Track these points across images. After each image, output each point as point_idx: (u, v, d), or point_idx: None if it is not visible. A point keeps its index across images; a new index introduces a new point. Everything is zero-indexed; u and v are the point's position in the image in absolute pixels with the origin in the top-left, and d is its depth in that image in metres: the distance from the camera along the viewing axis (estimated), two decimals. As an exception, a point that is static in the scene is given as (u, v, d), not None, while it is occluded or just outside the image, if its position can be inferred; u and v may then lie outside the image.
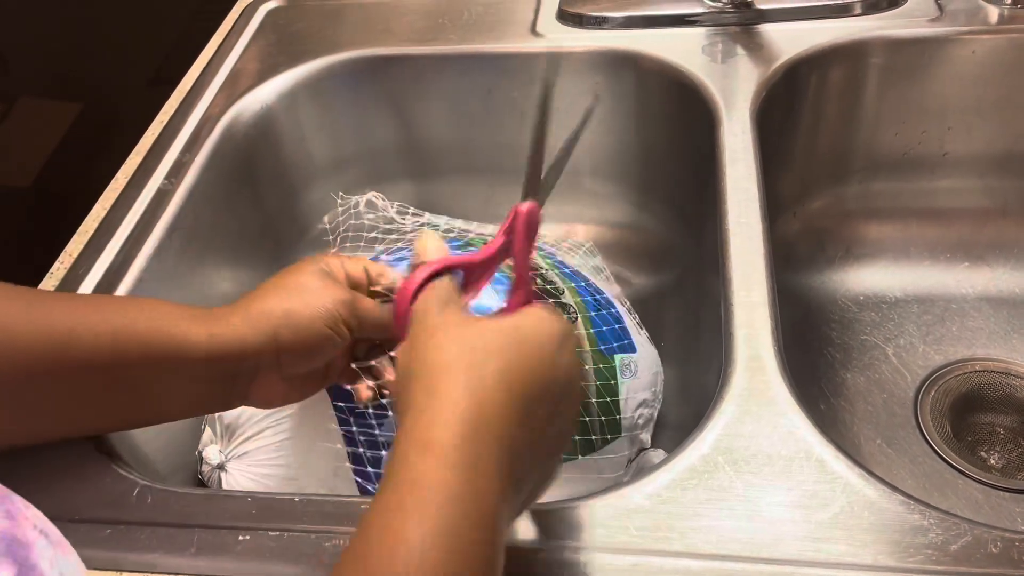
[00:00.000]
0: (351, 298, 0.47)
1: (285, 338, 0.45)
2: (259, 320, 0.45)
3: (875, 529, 0.42)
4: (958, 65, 0.74)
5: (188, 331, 0.44)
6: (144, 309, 0.45)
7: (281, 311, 0.45)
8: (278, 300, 0.46)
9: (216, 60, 0.82)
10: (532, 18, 0.81)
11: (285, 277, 0.47)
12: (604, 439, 0.59)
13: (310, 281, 0.46)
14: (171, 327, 0.44)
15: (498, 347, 0.36)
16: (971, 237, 0.80)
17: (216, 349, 0.44)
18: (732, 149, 0.65)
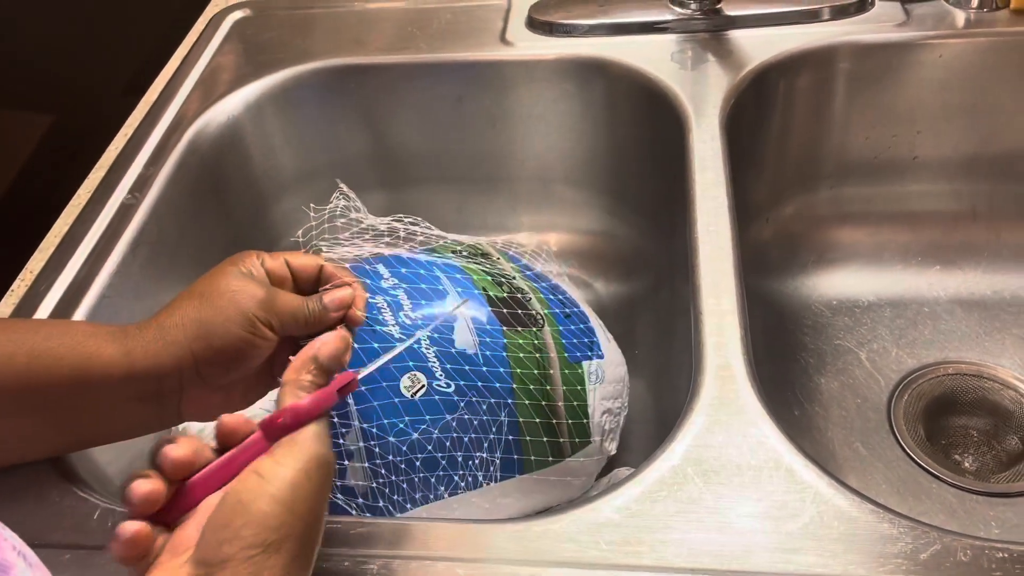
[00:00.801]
0: (268, 297, 0.44)
1: (201, 349, 0.43)
2: (172, 333, 0.43)
3: (845, 539, 0.42)
4: (926, 69, 0.74)
5: (103, 351, 0.43)
6: (58, 330, 0.44)
7: (194, 322, 0.43)
8: (191, 310, 0.44)
9: (182, 71, 0.81)
10: (502, 26, 0.81)
11: (201, 284, 0.45)
12: (573, 443, 0.59)
13: (226, 284, 0.44)
14: (86, 347, 0.43)
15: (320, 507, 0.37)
16: (942, 240, 0.81)
17: (133, 368, 0.43)
18: (701, 156, 0.65)
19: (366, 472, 0.52)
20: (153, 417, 0.46)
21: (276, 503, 0.34)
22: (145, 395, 0.44)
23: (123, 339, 0.44)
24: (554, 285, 0.67)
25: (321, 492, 0.37)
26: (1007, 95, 0.74)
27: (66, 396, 0.43)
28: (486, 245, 0.68)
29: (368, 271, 0.62)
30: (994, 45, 0.73)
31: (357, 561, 0.43)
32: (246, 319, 0.43)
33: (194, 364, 0.44)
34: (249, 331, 0.44)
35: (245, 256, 0.47)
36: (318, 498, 0.36)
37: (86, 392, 0.43)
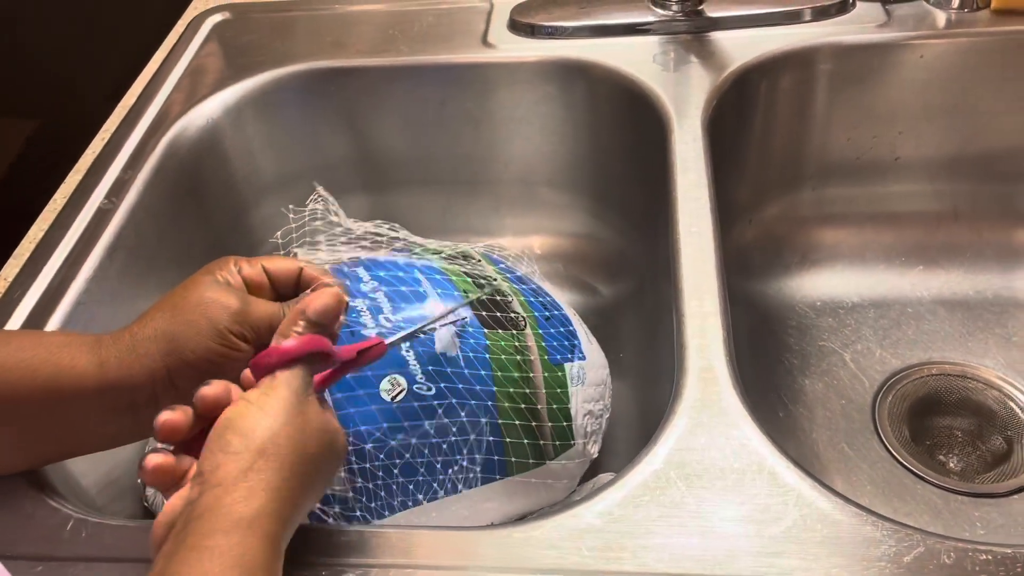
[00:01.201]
0: (242, 307, 0.44)
1: (174, 363, 0.43)
2: (144, 346, 0.43)
3: (828, 542, 0.41)
4: (907, 70, 0.74)
5: (76, 362, 0.42)
6: (31, 342, 0.43)
7: (166, 335, 0.43)
8: (163, 323, 0.43)
9: (161, 74, 0.80)
10: (483, 28, 0.80)
11: (175, 294, 0.45)
12: (555, 446, 0.58)
13: (199, 295, 0.44)
14: (59, 359, 0.42)
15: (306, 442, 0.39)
16: (925, 241, 0.81)
17: (106, 380, 0.42)
18: (683, 157, 0.65)
19: (342, 479, 0.52)
20: (128, 428, 0.45)
21: (259, 417, 0.38)
22: (119, 407, 0.44)
23: (97, 350, 0.43)
24: (536, 288, 0.66)
25: (306, 429, 0.39)
26: (988, 95, 0.75)
27: (40, 408, 0.43)
28: (468, 247, 0.68)
29: (348, 274, 0.61)
30: (975, 45, 0.73)
31: (335, 570, 0.42)
32: (218, 332, 0.43)
33: (167, 377, 0.43)
34: (222, 344, 0.43)
35: (221, 263, 0.46)
36: (305, 432, 0.38)
37: (60, 404, 0.43)
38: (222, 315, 0.43)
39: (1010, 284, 0.78)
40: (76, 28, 1.67)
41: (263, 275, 0.46)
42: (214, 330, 0.43)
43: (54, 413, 0.43)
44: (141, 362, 0.43)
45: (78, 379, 0.42)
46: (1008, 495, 0.66)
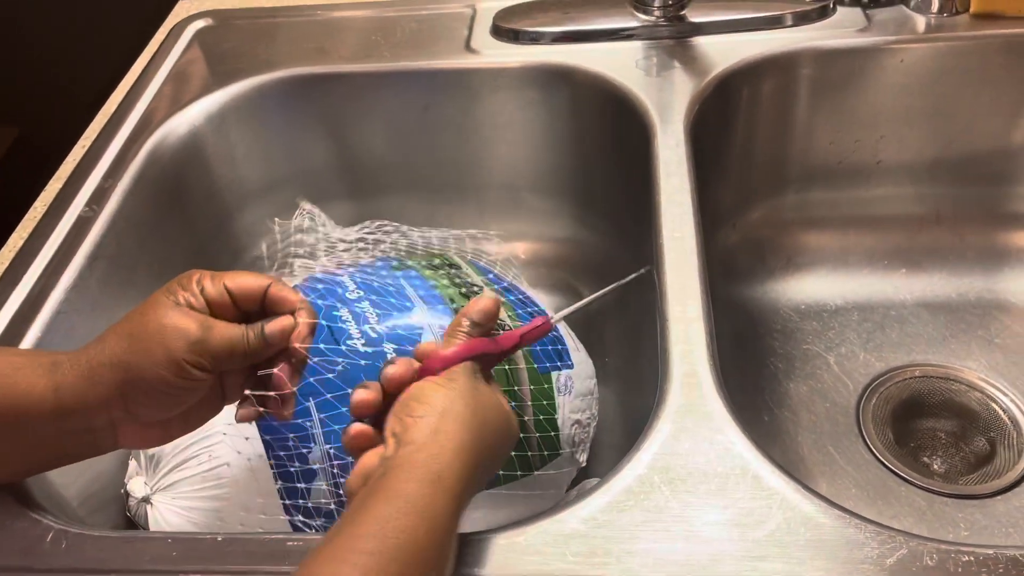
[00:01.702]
0: (201, 336, 0.42)
1: (130, 391, 0.42)
2: (100, 375, 0.42)
3: (811, 545, 0.41)
4: (887, 74, 0.74)
5: (33, 386, 0.42)
6: None
7: (121, 365, 0.42)
8: (120, 351, 0.42)
9: (142, 81, 0.80)
10: (466, 34, 0.80)
11: (133, 318, 0.44)
12: (542, 456, 0.58)
13: (157, 322, 0.42)
14: (15, 382, 0.42)
15: (483, 416, 0.43)
16: (907, 244, 0.81)
17: (62, 405, 0.42)
18: (666, 162, 0.65)
19: (329, 492, 0.51)
20: (88, 446, 0.45)
21: (438, 391, 0.42)
22: (76, 429, 0.43)
23: (53, 375, 0.43)
24: (524, 298, 0.66)
25: (480, 406, 0.43)
26: (968, 99, 0.75)
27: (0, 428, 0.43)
28: (454, 256, 0.68)
29: (334, 282, 0.61)
30: (954, 49, 0.74)
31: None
32: (174, 363, 0.42)
33: (124, 404, 0.43)
34: (178, 376, 0.42)
35: (184, 281, 0.45)
36: (480, 409, 0.43)
37: (18, 426, 0.43)
38: (179, 345, 0.42)
39: (992, 286, 0.79)
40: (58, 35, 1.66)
41: (225, 296, 0.45)
42: (171, 361, 0.42)
43: (14, 434, 0.43)
44: (96, 390, 0.42)
45: (35, 404, 0.42)
46: (991, 496, 0.66)
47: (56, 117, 1.37)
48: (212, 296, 0.44)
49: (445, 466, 0.39)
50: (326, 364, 0.51)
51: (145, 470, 0.58)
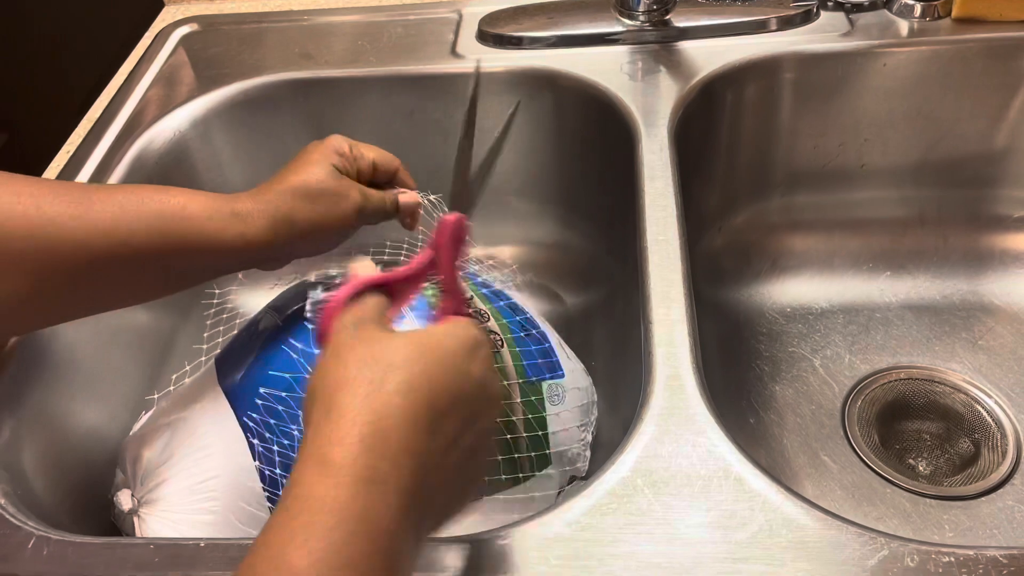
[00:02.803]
0: (363, 203, 0.53)
1: (300, 242, 0.52)
2: (280, 227, 0.50)
3: (793, 547, 0.42)
4: (871, 78, 0.75)
5: (223, 232, 0.49)
6: (180, 206, 0.49)
7: (306, 220, 0.51)
8: (301, 209, 0.51)
9: (128, 86, 0.79)
10: (452, 39, 0.80)
11: (306, 176, 0.52)
12: (531, 463, 0.58)
13: (327, 185, 0.52)
14: (207, 228, 0.49)
15: (402, 359, 0.35)
16: (892, 246, 0.82)
17: (247, 249, 0.50)
18: (651, 166, 0.65)
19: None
20: (251, 268, 0.54)
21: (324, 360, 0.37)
22: (250, 262, 0.53)
23: (240, 223, 0.49)
24: (512, 304, 0.66)
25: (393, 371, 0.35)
26: (951, 102, 0.76)
27: (184, 264, 0.50)
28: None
29: None
30: (937, 53, 0.74)
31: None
32: (344, 224, 0.53)
33: (292, 249, 0.53)
34: (342, 233, 0.54)
35: (339, 148, 0.54)
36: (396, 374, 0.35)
37: (201, 262, 0.50)
38: (349, 210, 0.52)
39: (976, 288, 0.79)
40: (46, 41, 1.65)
41: (371, 168, 0.56)
42: (342, 222, 0.52)
43: (203, 267, 0.51)
44: (277, 239, 0.50)
45: (226, 248, 0.49)
46: (976, 498, 0.66)
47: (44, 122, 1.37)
48: (362, 167, 0.55)
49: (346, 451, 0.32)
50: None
51: (132, 482, 0.57)
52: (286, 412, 0.53)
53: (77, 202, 0.46)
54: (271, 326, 0.59)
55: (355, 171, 0.54)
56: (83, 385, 0.61)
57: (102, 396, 0.63)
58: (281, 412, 0.54)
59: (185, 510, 0.54)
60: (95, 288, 0.48)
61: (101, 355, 0.64)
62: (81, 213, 0.46)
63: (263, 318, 0.60)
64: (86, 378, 0.62)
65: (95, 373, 0.63)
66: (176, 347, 0.73)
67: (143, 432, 0.58)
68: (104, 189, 0.48)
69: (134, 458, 0.57)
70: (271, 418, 0.53)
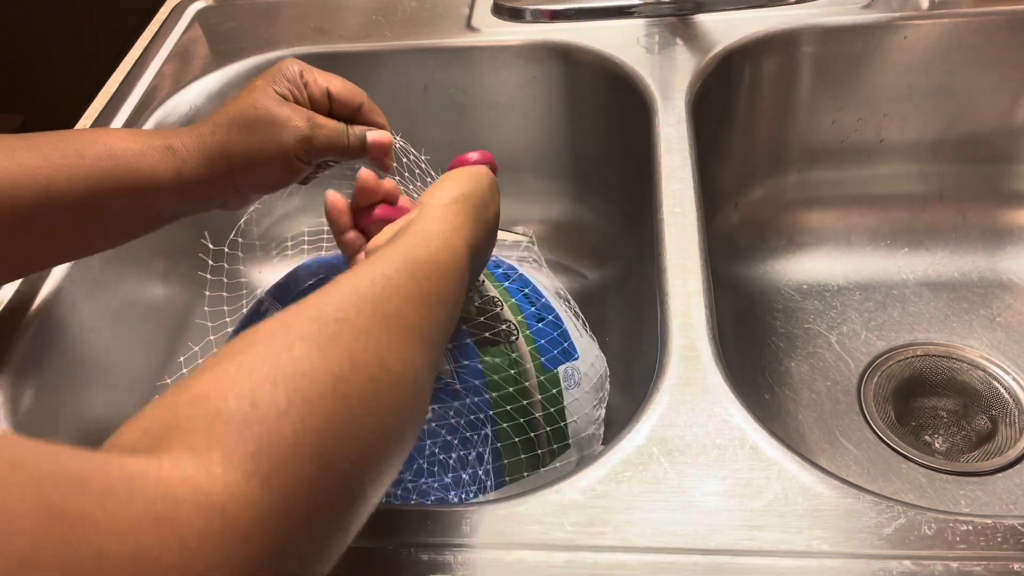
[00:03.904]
0: (308, 132, 0.48)
1: (240, 176, 0.48)
2: (216, 161, 0.48)
3: (809, 515, 0.42)
4: (890, 52, 0.74)
5: (156, 168, 0.47)
6: (105, 146, 0.47)
7: (240, 154, 0.48)
8: (237, 140, 0.48)
9: (143, 61, 0.80)
10: (467, 12, 0.80)
11: (244, 108, 0.48)
12: (552, 451, 0.57)
13: (268, 112, 0.48)
14: (139, 166, 0.47)
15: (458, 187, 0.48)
16: (910, 223, 0.81)
17: (185, 187, 0.48)
18: (667, 139, 0.64)
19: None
20: (201, 209, 0.52)
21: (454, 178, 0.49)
22: (190, 204, 0.50)
23: (173, 159, 0.48)
24: (527, 293, 0.64)
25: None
26: (972, 76, 0.75)
27: (122, 207, 0.48)
28: None
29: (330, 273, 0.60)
30: (958, 26, 0.73)
31: (317, 548, 0.42)
32: (284, 155, 0.48)
33: (234, 184, 0.49)
34: (285, 166, 0.49)
35: (287, 73, 0.50)
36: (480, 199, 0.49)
37: (144, 202, 0.48)
38: (289, 139, 0.48)
39: (995, 265, 0.78)
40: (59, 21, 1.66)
41: (326, 98, 0.50)
42: (281, 153, 0.48)
43: (139, 209, 0.49)
44: (212, 173, 0.48)
45: (160, 185, 0.47)
46: (992, 473, 0.66)
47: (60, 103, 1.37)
48: (314, 95, 0.50)
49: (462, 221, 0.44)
50: None
51: None
52: None
53: (1, 153, 0.45)
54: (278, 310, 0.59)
55: (306, 99, 0.50)
56: (101, 357, 0.62)
57: (120, 368, 0.64)
58: None
59: None
60: (33, 239, 0.47)
61: (119, 328, 0.64)
62: (5, 163, 0.45)
63: (266, 303, 0.60)
64: (104, 350, 0.62)
65: (112, 345, 0.63)
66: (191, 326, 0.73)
67: None
68: (28, 137, 0.47)
69: None
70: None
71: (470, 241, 0.44)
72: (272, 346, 0.30)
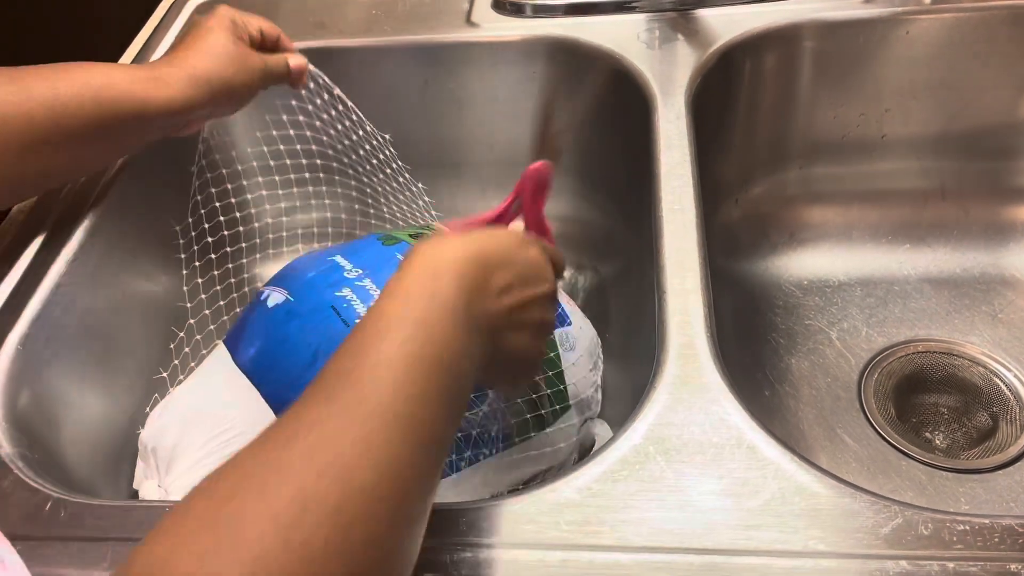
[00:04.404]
0: (266, 67, 0.61)
1: (218, 98, 0.58)
2: (204, 87, 0.56)
3: (806, 515, 0.41)
4: (892, 47, 0.73)
5: (150, 95, 0.55)
6: (106, 75, 0.55)
7: (220, 79, 0.57)
8: (216, 67, 0.57)
9: (143, 56, 0.79)
10: (467, 8, 0.80)
11: (211, 42, 0.57)
12: (554, 411, 0.59)
13: (232, 49, 0.58)
14: (136, 93, 0.54)
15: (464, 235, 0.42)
16: (912, 219, 0.81)
17: (172, 111, 0.56)
18: (667, 135, 0.64)
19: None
20: (176, 131, 0.61)
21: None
22: (171, 125, 0.59)
23: (163, 86, 0.55)
24: None
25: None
26: (974, 71, 0.74)
27: (122, 130, 0.56)
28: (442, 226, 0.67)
29: (327, 264, 0.61)
30: (960, 21, 0.73)
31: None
32: (253, 86, 0.60)
33: (212, 108, 0.59)
34: (250, 92, 0.60)
35: (230, 17, 0.60)
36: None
37: (135, 126, 0.56)
38: (256, 72, 0.60)
39: (996, 261, 0.78)
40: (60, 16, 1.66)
41: (259, 35, 0.62)
42: (250, 84, 0.59)
43: (130, 132, 0.57)
44: (200, 97, 0.56)
45: (154, 111, 0.55)
46: (993, 471, 0.66)
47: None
48: (253, 35, 0.61)
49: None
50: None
51: (156, 472, 0.57)
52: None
53: (11, 81, 0.52)
54: (280, 302, 0.59)
55: (247, 38, 0.60)
56: (99, 351, 0.62)
57: (118, 362, 0.64)
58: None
59: None
60: (43, 161, 0.54)
61: (117, 322, 0.64)
62: (20, 94, 0.52)
63: (269, 295, 0.60)
64: (102, 344, 0.62)
65: (111, 339, 0.63)
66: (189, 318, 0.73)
67: (161, 422, 0.58)
68: (32, 70, 0.53)
69: (155, 448, 0.57)
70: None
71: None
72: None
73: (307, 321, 0.57)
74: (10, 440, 0.51)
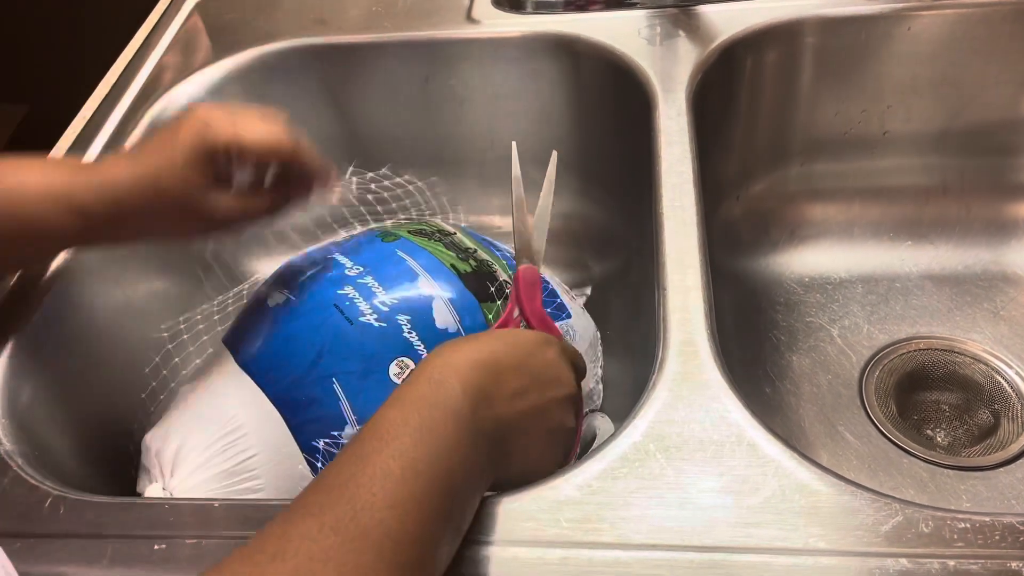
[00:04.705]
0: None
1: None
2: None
3: (806, 512, 0.41)
4: (894, 43, 0.73)
5: (56, 223, 0.49)
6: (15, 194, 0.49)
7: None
8: (147, 219, 0.49)
9: (142, 53, 0.79)
10: (468, 4, 0.79)
11: (166, 184, 0.48)
12: None
13: (182, 201, 0.49)
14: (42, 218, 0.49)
15: (477, 337, 0.43)
16: (913, 216, 0.80)
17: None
18: (668, 132, 0.64)
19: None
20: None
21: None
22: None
23: (78, 221, 0.49)
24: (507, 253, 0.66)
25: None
26: (976, 68, 0.74)
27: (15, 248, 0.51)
28: (442, 223, 0.67)
29: (328, 262, 0.61)
30: (963, 17, 0.72)
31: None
32: (185, 240, 0.60)
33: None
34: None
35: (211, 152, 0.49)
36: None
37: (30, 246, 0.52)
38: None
39: (998, 258, 0.78)
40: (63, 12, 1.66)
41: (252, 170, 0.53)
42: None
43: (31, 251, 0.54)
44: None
45: (56, 237, 0.51)
46: (995, 468, 0.66)
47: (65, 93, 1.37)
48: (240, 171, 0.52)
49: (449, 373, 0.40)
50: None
51: (160, 476, 0.57)
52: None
53: None
54: (281, 302, 0.59)
55: (228, 176, 0.50)
56: (100, 350, 0.62)
57: (118, 360, 0.64)
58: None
59: (228, 492, 0.53)
60: None
61: (117, 320, 0.64)
62: None
63: (269, 295, 0.60)
64: (103, 343, 0.62)
65: (111, 338, 0.63)
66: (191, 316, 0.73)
67: (164, 426, 0.57)
68: None
69: (159, 451, 0.56)
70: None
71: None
72: None
73: (310, 319, 0.57)
74: (10, 437, 0.51)
